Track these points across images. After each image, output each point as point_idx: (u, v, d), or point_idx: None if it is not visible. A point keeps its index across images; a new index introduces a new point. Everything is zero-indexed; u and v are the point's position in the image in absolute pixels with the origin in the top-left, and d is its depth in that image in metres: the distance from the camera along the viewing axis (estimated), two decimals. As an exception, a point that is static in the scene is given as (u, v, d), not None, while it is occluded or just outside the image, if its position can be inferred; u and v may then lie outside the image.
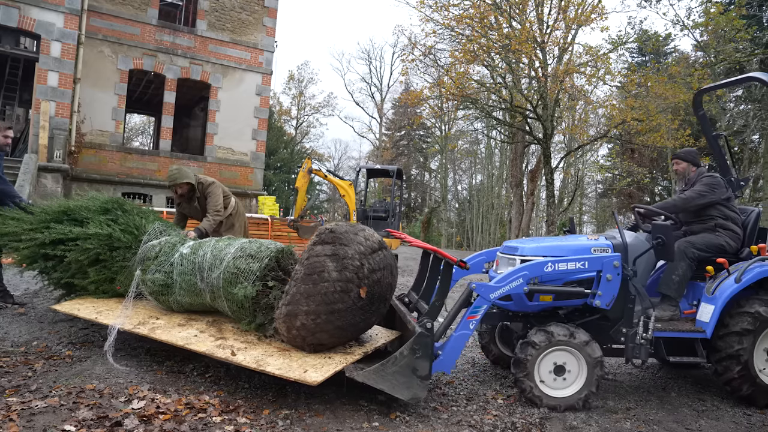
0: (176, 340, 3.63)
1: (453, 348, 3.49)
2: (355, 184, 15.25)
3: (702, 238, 4.08)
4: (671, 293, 3.99)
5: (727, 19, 15.31)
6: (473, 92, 18.58)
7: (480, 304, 3.51)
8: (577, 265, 3.72)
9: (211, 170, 18.57)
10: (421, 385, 3.26)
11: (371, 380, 3.18)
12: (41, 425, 2.69)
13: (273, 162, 37.51)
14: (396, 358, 3.25)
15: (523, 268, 3.67)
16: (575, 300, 3.78)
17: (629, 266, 3.77)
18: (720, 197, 4.11)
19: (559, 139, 31.26)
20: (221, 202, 5.25)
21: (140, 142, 41.25)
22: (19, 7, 13.91)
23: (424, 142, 44.97)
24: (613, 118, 18.54)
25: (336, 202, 43.62)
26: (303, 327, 3.28)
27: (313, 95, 56.32)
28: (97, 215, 4.57)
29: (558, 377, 3.57)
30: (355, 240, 3.41)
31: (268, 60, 19.47)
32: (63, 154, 14.21)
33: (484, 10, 17.59)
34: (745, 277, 3.75)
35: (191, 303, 4.07)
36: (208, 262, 3.89)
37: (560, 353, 3.57)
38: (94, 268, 4.36)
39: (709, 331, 3.75)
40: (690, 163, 4.36)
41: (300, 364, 3.23)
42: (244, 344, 3.55)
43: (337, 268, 3.27)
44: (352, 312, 3.31)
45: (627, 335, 3.73)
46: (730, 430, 3.43)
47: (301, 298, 3.26)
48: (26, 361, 3.72)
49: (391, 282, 3.60)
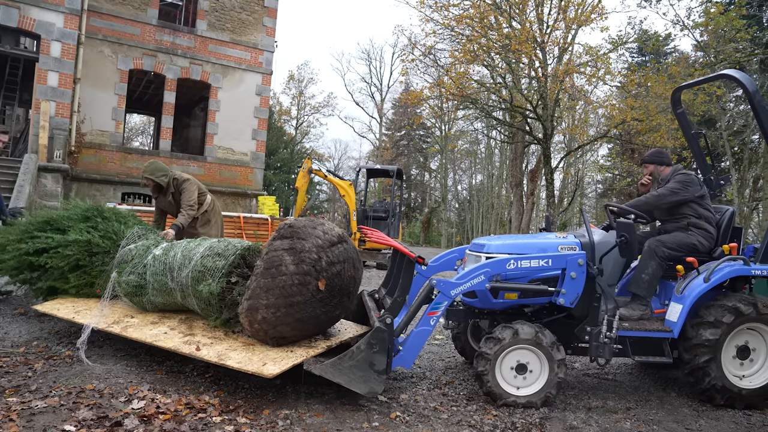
0: (146, 338, 3.73)
1: (413, 344, 3.50)
2: (355, 184, 15.24)
3: (674, 236, 4.02)
4: (641, 292, 3.94)
5: (727, 19, 15.29)
6: (473, 92, 18.56)
7: (441, 300, 3.52)
8: (541, 262, 3.72)
9: (211, 170, 18.58)
10: (378, 379, 3.29)
11: (328, 373, 3.23)
12: (41, 425, 2.69)
13: (273, 162, 37.51)
14: (353, 352, 3.30)
15: (485, 265, 3.67)
16: (541, 298, 3.77)
17: (596, 264, 3.74)
18: (693, 195, 4.05)
19: (559, 139, 31.27)
20: (195, 198, 5.41)
21: (140, 142, 41.26)
22: (19, 7, 13.91)
23: (424, 142, 44.96)
24: (613, 118, 18.53)
25: (336, 202, 43.61)
26: (264, 321, 3.35)
27: (313, 95, 56.32)
28: (78, 223, 4.73)
29: (519, 375, 3.56)
30: (313, 234, 3.49)
31: (268, 60, 19.47)
32: (63, 154, 14.20)
33: (484, 10, 17.57)
34: (713, 277, 3.71)
35: (164, 303, 4.17)
36: (178, 262, 4.01)
37: (524, 352, 3.55)
38: (75, 273, 4.52)
39: (677, 331, 3.71)
40: (658, 164, 4.30)
41: (260, 358, 3.30)
42: (210, 340, 3.64)
43: (294, 262, 3.34)
44: (311, 305, 3.37)
45: (591, 334, 3.71)
46: (730, 430, 3.42)
47: (261, 292, 3.34)
48: (26, 361, 3.72)
49: (354, 275, 3.66)
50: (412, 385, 3.89)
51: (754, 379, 3.78)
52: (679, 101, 4.89)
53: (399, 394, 3.64)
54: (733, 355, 3.78)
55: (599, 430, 3.26)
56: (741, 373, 3.79)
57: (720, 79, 4.50)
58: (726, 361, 3.73)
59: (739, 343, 3.78)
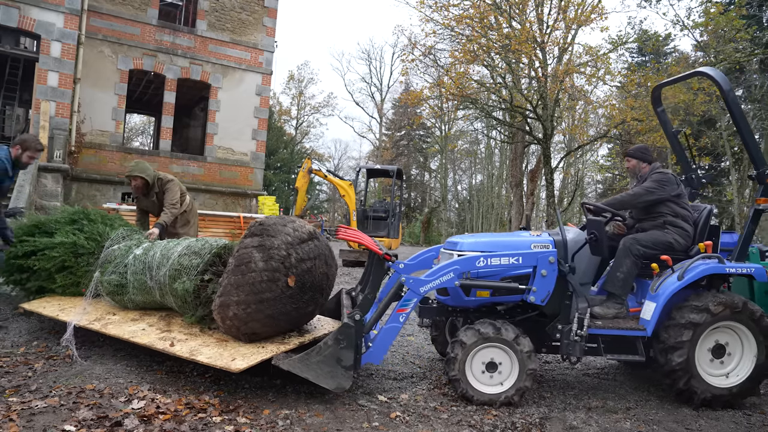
0: (123, 334, 3.80)
1: (382, 340, 3.52)
2: (355, 184, 15.24)
3: (649, 235, 4.01)
4: (616, 290, 3.93)
5: (727, 19, 15.29)
6: (473, 92, 18.56)
7: (410, 297, 3.54)
8: (512, 260, 3.71)
9: (211, 170, 18.58)
10: (346, 374, 3.30)
11: (296, 369, 3.26)
12: (41, 425, 2.69)
13: (273, 162, 37.51)
14: (320, 347, 3.33)
15: (455, 262, 3.67)
16: (513, 296, 3.77)
17: (568, 262, 3.73)
18: (670, 194, 4.04)
19: (559, 139, 31.29)
20: (178, 198, 5.51)
21: (140, 142, 41.26)
22: (19, 7, 13.91)
23: (424, 142, 44.96)
24: (613, 118, 18.54)
25: (336, 202, 43.63)
26: (235, 317, 3.41)
27: (313, 95, 56.44)
28: (65, 226, 4.87)
29: (491, 373, 3.56)
30: (283, 231, 3.55)
31: (268, 60, 19.47)
32: (63, 154, 14.20)
33: (484, 10, 17.57)
34: (687, 275, 3.69)
35: (144, 301, 4.26)
36: (157, 261, 4.10)
37: (490, 350, 3.55)
38: (61, 274, 4.65)
39: (650, 330, 3.69)
40: (640, 161, 4.29)
41: (231, 353, 3.36)
42: (186, 336, 3.71)
43: (263, 259, 3.40)
44: (281, 301, 3.43)
45: (562, 332, 3.70)
46: (730, 430, 3.42)
47: (232, 289, 3.39)
48: (26, 361, 3.72)
49: (326, 272, 3.72)
50: (412, 385, 3.89)
51: (731, 378, 3.76)
52: (659, 99, 4.89)
53: (399, 394, 3.64)
54: (708, 354, 3.75)
55: (599, 430, 3.26)
56: (717, 372, 3.76)
57: (696, 76, 4.52)
58: (701, 361, 3.71)
59: (714, 342, 3.76)
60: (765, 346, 3.72)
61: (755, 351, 3.73)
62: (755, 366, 3.71)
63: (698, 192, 4.73)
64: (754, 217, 4.00)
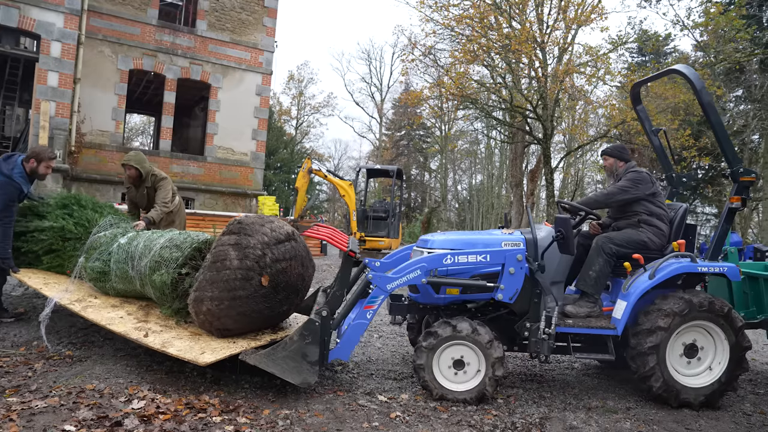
0: (101, 320, 3.85)
1: (350, 336, 3.56)
2: (355, 184, 15.24)
3: (623, 233, 4.01)
4: (588, 289, 3.93)
5: (727, 19, 15.29)
6: (473, 92, 18.55)
7: (377, 294, 3.56)
8: (479, 258, 3.72)
9: (211, 170, 18.57)
10: (311, 370, 3.33)
11: (262, 364, 3.29)
12: (41, 425, 2.69)
13: (273, 162, 37.49)
14: (286, 343, 3.36)
15: (422, 260, 3.68)
16: (483, 294, 3.77)
17: (538, 261, 3.72)
18: (644, 193, 4.03)
19: (559, 139, 31.26)
20: (170, 197, 5.54)
21: (140, 142, 41.24)
22: (19, 7, 13.91)
23: (424, 142, 44.94)
24: (613, 118, 18.52)
25: (336, 202, 43.63)
26: (209, 312, 3.46)
27: (313, 95, 56.34)
28: (55, 210, 4.94)
29: (458, 371, 3.58)
30: (260, 231, 3.58)
31: (268, 60, 19.46)
32: (63, 154, 14.20)
33: (484, 10, 17.56)
34: (658, 274, 3.67)
35: (125, 289, 4.32)
36: (139, 252, 4.14)
37: (461, 348, 3.57)
38: (48, 256, 4.76)
39: (620, 328, 3.67)
40: (617, 159, 4.29)
41: (202, 347, 3.41)
42: (162, 328, 3.75)
43: (239, 257, 3.44)
44: (254, 299, 3.47)
45: (530, 330, 3.70)
46: (730, 430, 3.42)
47: (207, 285, 3.44)
48: (26, 361, 3.72)
49: (302, 273, 3.75)
50: (412, 385, 3.89)
51: (706, 376, 3.74)
52: (639, 97, 4.89)
53: (399, 394, 3.64)
54: (681, 355, 3.74)
55: (599, 430, 3.26)
56: (692, 372, 3.75)
57: (670, 74, 4.54)
58: (674, 363, 3.70)
59: (686, 343, 3.74)
60: (736, 341, 3.69)
61: (727, 347, 3.70)
62: (729, 362, 3.69)
63: (679, 191, 4.73)
64: (727, 215, 3.98)
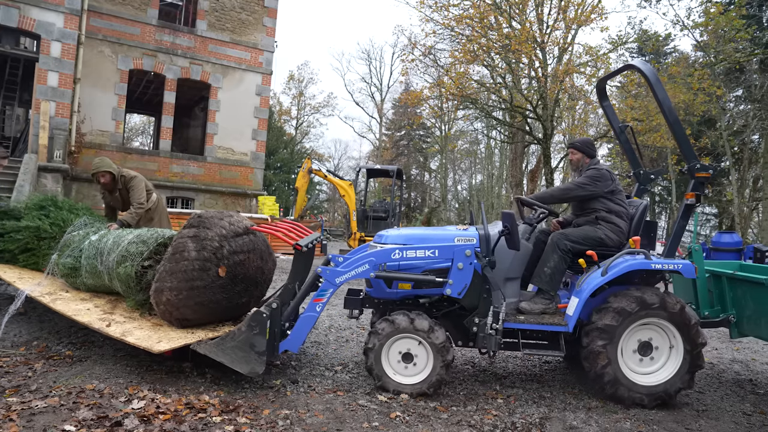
0: (68, 311, 3.97)
1: (299, 328, 3.61)
2: (355, 184, 15.25)
3: (580, 230, 3.99)
4: (543, 286, 3.91)
5: (727, 19, 15.30)
6: (473, 92, 18.56)
7: (326, 287, 3.61)
8: (428, 253, 3.74)
9: (211, 170, 18.57)
10: (259, 360, 3.40)
11: (212, 353, 3.38)
12: (41, 425, 2.69)
13: (273, 162, 37.49)
14: (234, 333, 3.44)
15: (370, 254, 3.71)
16: (434, 289, 3.78)
17: (489, 256, 3.72)
18: (603, 190, 4.00)
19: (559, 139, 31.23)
20: (144, 195, 5.49)
21: (140, 142, 41.24)
22: (19, 7, 13.90)
23: (424, 142, 44.94)
24: (612, 118, 18.50)
25: (336, 202, 43.61)
26: (168, 302, 3.58)
27: (313, 95, 56.34)
28: (32, 211, 5.16)
29: (407, 364, 3.62)
30: (219, 224, 3.74)
31: (268, 60, 19.46)
32: (63, 154, 14.19)
33: (484, 10, 17.56)
34: (610, 271, 3.64)
35: (95, 284, 4.45)
36: (108, 247, 4.27)
37: (405, 341, 3.60)
38: (24, 255, 4.97)
39: (571, 325, 3.66)
40: (585, 154, 4.26)
41: (160, 336, 3.52)
42: (125, 319, 3.88)
43: (197, 248, 3.58)
44: (212, 290, 3.62)
45: (479, 325, 3.71)
46: (730, 430, 3.42)
47: (166, 276, 3.56)
48: (26, 361, 3.72)
49: (261, 266, 3.91)
50: (412, 385, 3.89)
51: (659, 374, 3.70)
52: (605, 93, 4.86)
53: (399, 394, 3.64)
54: (635, 353, 3.71)
55: (599, 430, 3.26)
56: (647, 370, 3.71)
57: (627, 69, 4.57)
58: (627, 361, 3.68)
59: (639, 341, 3.71)
60: (690, 338, 3.63)
61: (682, 345, 3.66)
62: (683, 360, 3.65)
63: (646, 188, 4.71)
64: (684, 212, 3.94)
